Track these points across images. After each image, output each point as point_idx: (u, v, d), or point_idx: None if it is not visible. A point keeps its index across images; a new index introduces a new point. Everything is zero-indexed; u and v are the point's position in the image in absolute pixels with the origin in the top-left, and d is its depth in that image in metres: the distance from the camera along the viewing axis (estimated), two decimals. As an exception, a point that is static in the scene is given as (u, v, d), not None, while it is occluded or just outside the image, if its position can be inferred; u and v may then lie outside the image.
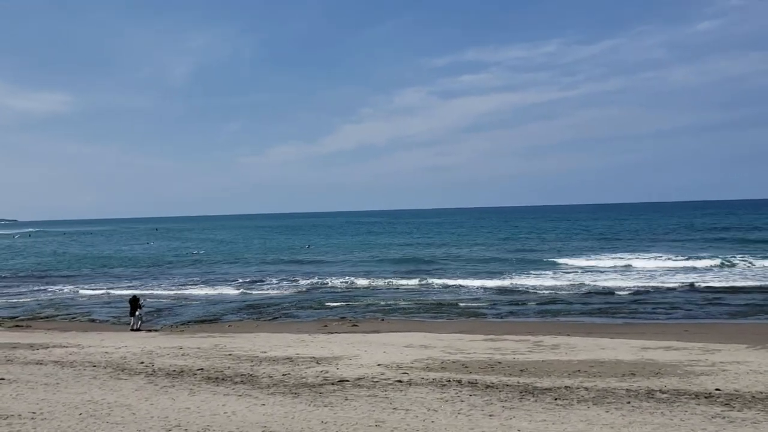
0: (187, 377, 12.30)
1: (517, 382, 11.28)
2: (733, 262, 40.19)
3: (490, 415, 9.00)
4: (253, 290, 35.40)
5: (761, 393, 10.12)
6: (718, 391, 10.28)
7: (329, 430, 8.46)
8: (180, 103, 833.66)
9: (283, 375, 12.38)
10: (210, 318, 26.28)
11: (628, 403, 9.62)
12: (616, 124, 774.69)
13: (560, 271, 39.56)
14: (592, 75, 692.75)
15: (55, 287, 38.95)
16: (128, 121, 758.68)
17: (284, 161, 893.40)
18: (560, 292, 30.88)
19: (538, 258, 48.84)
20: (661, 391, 10.36)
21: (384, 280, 37.34)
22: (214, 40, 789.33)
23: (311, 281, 38.21)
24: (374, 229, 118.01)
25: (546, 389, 10.66)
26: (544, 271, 39.33)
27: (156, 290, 36.17)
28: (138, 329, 22.91)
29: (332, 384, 11.43)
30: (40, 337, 19.93)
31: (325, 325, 23.02)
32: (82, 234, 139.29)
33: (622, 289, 30.59)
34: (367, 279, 38.11)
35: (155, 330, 23.13)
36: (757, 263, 39.50)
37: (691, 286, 30.94)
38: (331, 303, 29.21)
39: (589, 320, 23.07)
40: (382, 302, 29.11)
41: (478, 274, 38.88)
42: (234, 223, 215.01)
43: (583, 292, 30.63)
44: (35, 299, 33.75)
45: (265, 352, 15.67)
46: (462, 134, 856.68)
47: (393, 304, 28.38)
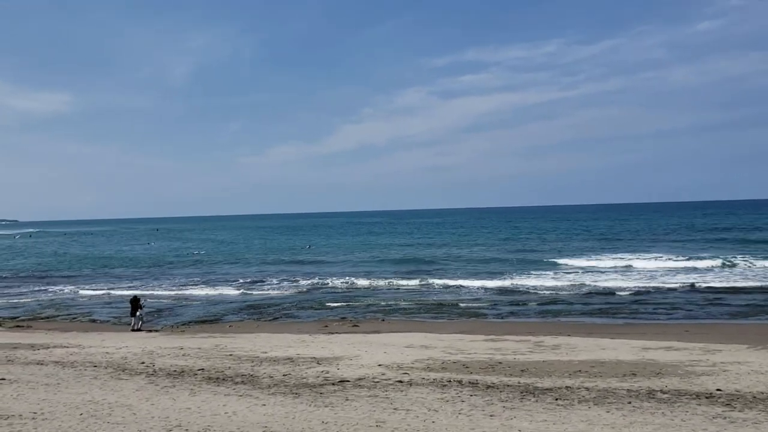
0: (188, 377, 12.31)
1: (518, 383, 11.28)
2: (734, 263, 40.17)
3: (490, 416, 9.00)
4: (254, 290, 35.40)
5: (762, 393, 10.12)
6: (719, 392, 10.28)
7: (330, 430, 8.46)
8: (180, 103, 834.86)
9: (284, 375, 12.38)
10: (211, 318, 26.29)
11: (629, 403, 9.62)
12: (616, 124, 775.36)
13: (561, 272, 39.55)
14: (592, 75, 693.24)
15: (55, 287, 38.99)
16: (128, 121, 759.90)
17: (284, 161, 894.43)
18: (561, 292, 30.87)
19: (538, 258, 48.85)
20: (662, 392, 10.36)
21: (385, 281, 37.34)
22: (214, 40, 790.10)
23: (312, 281, 38.22)
24: (375, 230, 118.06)
25: (547, 389, 10.66)
26: (545, 272, 39.32)
27: (157, 290, 36.19)
28: (139, 329, 22.93)
29: (333, 384, 11.43)
30: (40, 338, 19.95)
31: (326, 326, 23.03)
32: (83, 234, 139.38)
33: (623, 290, 30.57)
34: (368, 279, 38.12)
35: (156, 330, 23.14)
36: (757, 263, 39.48)
37: (692, 287, 30.92)
38: (332, 303, 29.21)
39: (589, 320, 23.07)
40: (382, 302, 29.11)
41: (478, 275, 38.88)
42: (234, 223, 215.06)
43: (584, 292, 30.62)
44: (36, 299, 33.78)
45: (265, 353, 15.67)
46: (462, 134, 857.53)
47: (394, 305, 28.37)
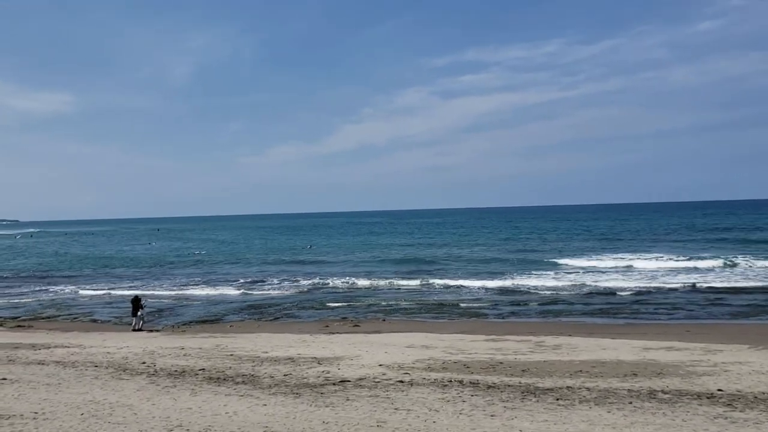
0: (189, 377, 12.31)
1: (519, 383, 11.28)
2: (735, 263, 40.13)
3: (491, 416, 9.00)
4: (255, 290, 35.39)
5: (763, 393, 10.11)
6: (720, 392, 10.28)
7: (331, 430, 8.46)
8: (180, 103, 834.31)
9: (285, 375, 12.38)
10: (211, 318, 26.29)
11: (630, 403, 9.62)
12: (616, 124, 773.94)
13: (561, 272, 39.53)
14: (592, 75, 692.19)
15: (56, 287, 38.99)
16: (128, 121, 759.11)
17: (284, 161, 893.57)
18: (562, 292, 30.85)
19: (539, 258, 48.82)
20: (663, 392, 10.35)
21: (385, 281, 37.33)
22: (214, 40, 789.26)
23: (312, 281, 38.21)
24: (375, 230, 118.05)
25: (548, 389, 10.66)
26: (546, 272, 39.30)
27: (157, 290, 36.19)
28: (140, 329, 22.93)
29: (334, 384, 11.43)
30: (41, 338, 19.96)
31: (327, 326, 23.02)
32: (84, 234, 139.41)
33: (624, 290, 30.55)
34: (369, 279, 38.11)
35: (157, 330, 23.14)
36: (758, 263, 39.44)
37: (693, 287, 30.89)
38: (333, 303, 29.20)
39: (590, 320, 23.05)
40: (383, 302, 29.10)
41: (479, 275, 38.86)
42: (235, 223, 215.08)
43: (585, 292, 30.60)
44: (37, 299, 33.79)
45: (266, 353, 15.67)
46: (462, 134, 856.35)
47: (394, 305, 28.36)
